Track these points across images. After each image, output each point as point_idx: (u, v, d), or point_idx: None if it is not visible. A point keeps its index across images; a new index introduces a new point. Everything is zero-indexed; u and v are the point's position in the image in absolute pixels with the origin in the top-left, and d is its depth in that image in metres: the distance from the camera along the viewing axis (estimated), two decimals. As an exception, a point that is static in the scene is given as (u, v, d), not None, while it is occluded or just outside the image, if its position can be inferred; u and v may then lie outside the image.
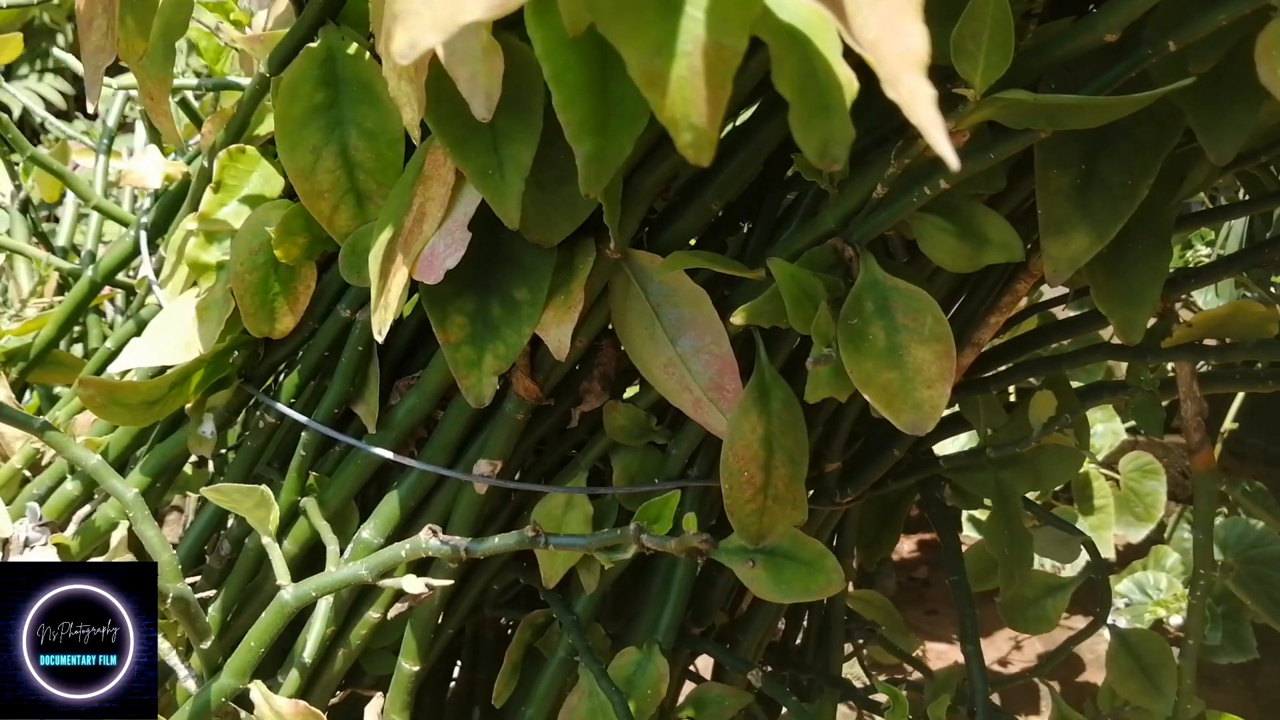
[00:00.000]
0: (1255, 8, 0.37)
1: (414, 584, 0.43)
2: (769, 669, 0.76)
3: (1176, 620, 1.49)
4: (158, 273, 0.64)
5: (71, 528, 0.63)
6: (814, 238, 0.48)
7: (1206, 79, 0.44)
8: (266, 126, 0.57)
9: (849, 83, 0.26)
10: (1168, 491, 1.50)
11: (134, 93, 0.83)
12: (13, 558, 0.60)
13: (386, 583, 0.44)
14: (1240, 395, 1.52)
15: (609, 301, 0.53)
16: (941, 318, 0.45)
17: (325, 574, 0.44)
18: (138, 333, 0.64)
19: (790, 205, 0.56)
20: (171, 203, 0.68)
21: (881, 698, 0.66)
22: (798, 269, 0.44)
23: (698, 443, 0.58)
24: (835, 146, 0.26)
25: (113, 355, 0.62)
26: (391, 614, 0.55)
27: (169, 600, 0.42)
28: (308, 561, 0.61)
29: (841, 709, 0.86)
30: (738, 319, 0.46)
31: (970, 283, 0.62)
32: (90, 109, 0.43)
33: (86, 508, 0.63)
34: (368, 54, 0.50)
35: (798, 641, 0.79)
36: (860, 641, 0.87)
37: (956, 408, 0.71)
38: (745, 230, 0.58)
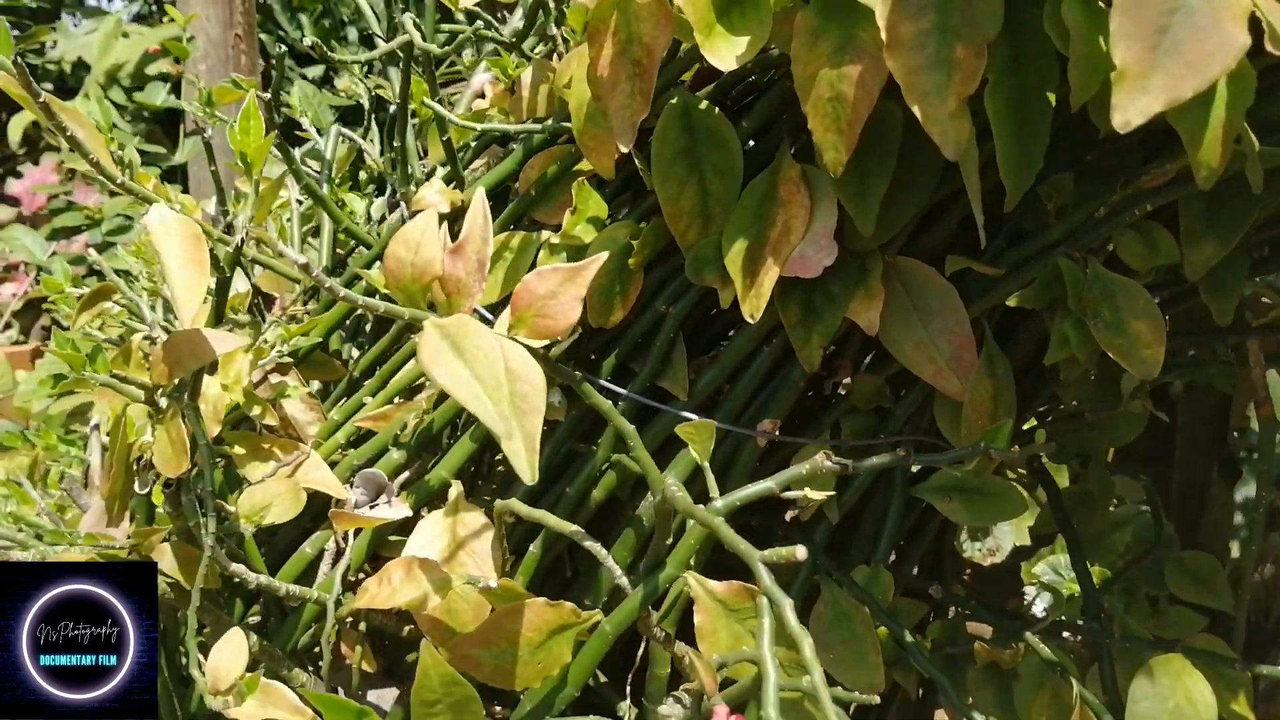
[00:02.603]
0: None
1: (817, 495, 0.59)
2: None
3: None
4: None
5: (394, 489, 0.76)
6: (1043, 245, 0.67)
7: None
8: (586, 164, 0.73)
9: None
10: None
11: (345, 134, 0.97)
12: (366, 513, 0.73)
13: (791, 494, 0.60)
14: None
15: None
16: (1150, 300, 0.65)
17: (745, 488, 0.60)
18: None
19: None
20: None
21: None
22: (1075, 266, 0.63)
23: (914, 408, 0.75)
24: (1212, 176, 0.45)
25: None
26: (788, 517, 0.71)
27: (660, 496, 0.56)
28: (608, 501, 0.75)
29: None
30: (1013, 302, 0.65)
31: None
32: (623, 147, 0.58)
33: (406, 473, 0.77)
34: (716, 109, 0.66)
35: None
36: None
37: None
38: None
